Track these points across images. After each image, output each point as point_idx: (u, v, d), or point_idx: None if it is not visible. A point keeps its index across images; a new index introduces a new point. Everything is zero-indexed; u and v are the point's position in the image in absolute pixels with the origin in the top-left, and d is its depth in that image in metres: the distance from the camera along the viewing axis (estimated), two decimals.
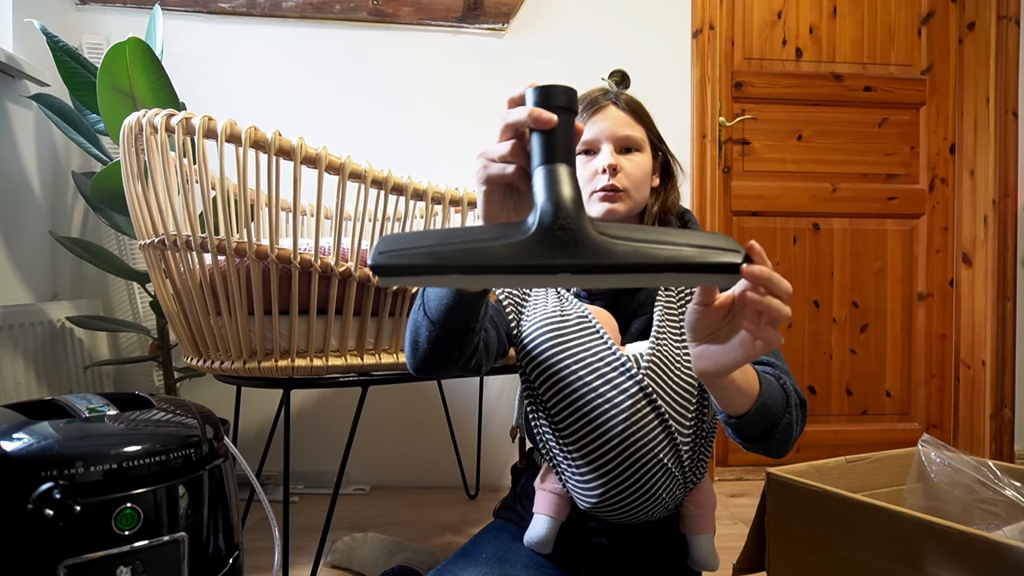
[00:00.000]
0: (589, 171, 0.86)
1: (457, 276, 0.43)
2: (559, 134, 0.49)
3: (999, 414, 2.04)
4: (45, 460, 0.65)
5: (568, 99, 0.50)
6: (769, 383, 0.71)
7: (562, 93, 0.50)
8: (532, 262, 0.43)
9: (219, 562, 0.79)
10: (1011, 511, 0.89)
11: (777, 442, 0.73)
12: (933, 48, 2.12)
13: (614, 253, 0.43)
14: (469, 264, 0.42)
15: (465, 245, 0.43)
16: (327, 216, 1.61)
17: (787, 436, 0.73)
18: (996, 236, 2.04)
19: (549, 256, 0.43)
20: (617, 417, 0.79)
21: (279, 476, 1.79)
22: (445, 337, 0.71)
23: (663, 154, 0.93)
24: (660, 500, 0.81)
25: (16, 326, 1.44)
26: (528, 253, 0.43)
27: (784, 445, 0.74)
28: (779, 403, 0.71)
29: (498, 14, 1.89)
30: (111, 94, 1.36)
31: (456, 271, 0.42)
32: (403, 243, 0.43)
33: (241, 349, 1.12)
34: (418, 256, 0.42)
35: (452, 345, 0.72)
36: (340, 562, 1.32)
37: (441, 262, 0.42)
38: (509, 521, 0.96)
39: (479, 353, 0.76)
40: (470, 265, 0.42)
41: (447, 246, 0.43)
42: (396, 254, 0.42)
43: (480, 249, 0.43)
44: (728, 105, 2.05)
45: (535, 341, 0.85)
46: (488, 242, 0.43)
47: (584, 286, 0.45)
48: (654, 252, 0.44)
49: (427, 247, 0.42)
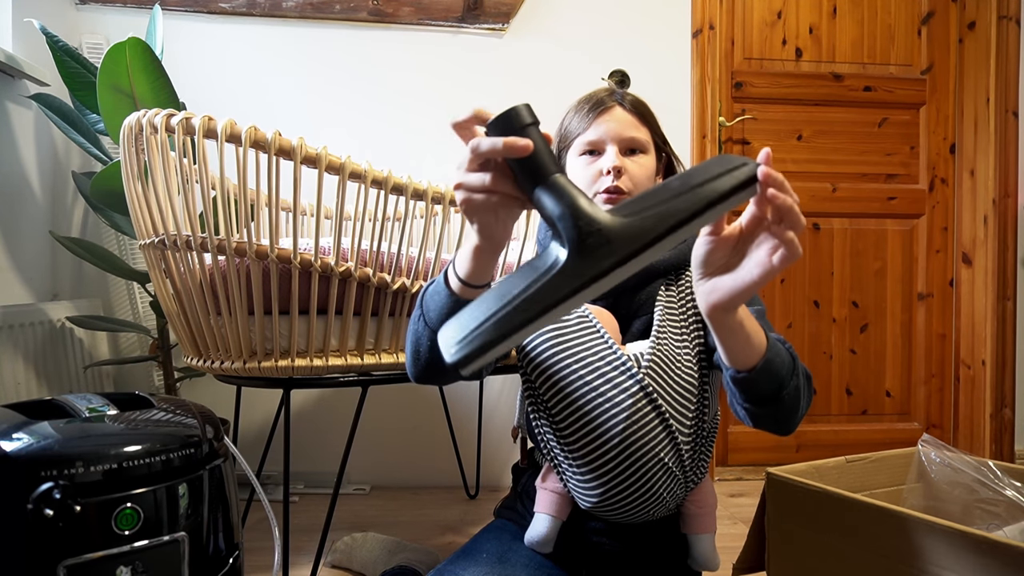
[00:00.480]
0: (593, 172, 0.86)
1: (526, 331, 0.44)
2: (540, 151, 0.49)
3: (999, 414, 2.04)
4: (45, 460, 0.65)
5: (530, 113, 0.51)
6: (775, 343, 0.69)
7: (523, 111, 0.51)
8: (585, 279, 0.44)
9: (219, 562, 0.79)
10: (1011, 511, 0.89)
11: (785, 408, 0.70)
12: (933, 48, 2.12)
13: (646, 228, 0.44)
14: (532, 316, 0.43)
15: (519, 301, 0.44)
16: (327, 216, 1.61)
17: (795, 402, 0.70)
18: (996, 236, 2.04)
19: (595, 266, 0.44)
20: (618, 416, 0.79)
21: (279, 476, 1.79)
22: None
23: (666, 155, 0.93)
24: (661, 499, 0.81)
25: (16, 326, 1.44)
26: (577, 274, 0.44)
27: (792, 414, 0.71)
28: (786, 364, 0.69)
29: (498, 14, 1.89)
30: (111, 94, 1.36)
31: (523, 327, 0.43)
32: (465, 328, 0.44)
33: (241, 349, 1.12)
34: (486, 334, 0.43)
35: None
36: (340, 562, 1.32)
37: (508, 328, 0.43)
38: (510, 520, 0.96)
39: None
40: (533, 316, 0.43)
41: (505, 310, 0.43)
42: (467, 342, 0.43)
43: (534, 296, 0.44)
44: (728, 105, 2.05)
45: (536, 341, 0.85)
46: (536, 286, 0.44)
47: (633, 271, 0.45)
48: (680, 206, 0.44)
49: (490, 321, 0.43)
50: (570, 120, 0.90)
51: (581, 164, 0.88)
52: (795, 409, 0.71)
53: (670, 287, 0.89)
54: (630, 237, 0.44)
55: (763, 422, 0.72)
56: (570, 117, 0.91)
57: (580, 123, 0.88)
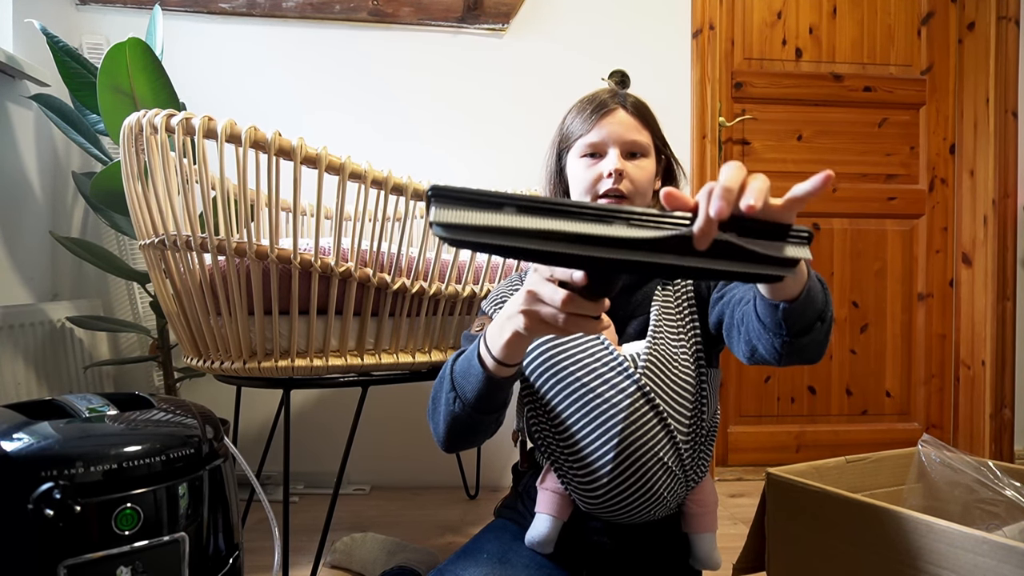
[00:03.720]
0: (594, 174, 0.86)
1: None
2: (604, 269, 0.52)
3: (999, 414, 2.04)
4: (45, 460, 0.65)
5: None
6: (807, 271, 0.65)
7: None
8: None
9: (219, 562, 0.79)
10: (1011, 511, 0.89)
11: (822, 333, 0.67)
12: (933, 48, 2.12)
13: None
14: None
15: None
16: (327, 216, 1.61)
17: (826, 334, 0.67)
18: (996, 236, 2.04)
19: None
20: (617, 417, 0.79)
21: (279, 476, 1.79)
22: (480, 420, 0.75)
23: (666, 158, 0.94)
24: (662, 499, 0.81)
25: (16, 326, 1.44)
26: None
27: (825, 341, 0.68)
28: (823, 293, 0.66)
29: (498, 14, 1.89)
30: (111, 94, 1.36)
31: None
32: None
33: (241, 349, 1.12)
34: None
35: (489, 423, 0.77)
36: (340, 562, 1.32)
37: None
38: (510, 520, 0.96)
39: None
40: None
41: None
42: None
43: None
44: (728, 105, 2.05)
45: (533, 345, 0.85)
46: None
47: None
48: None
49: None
50: (572, 120, 0.91)
51: (582, 166, 0.88)
52: (827, 336, 0.68)
53: (666, 287, 0.89)
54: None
55: (804, 353, 0.68)
56: (572, 117, 0.91)
57: (582, 125, 0.88)
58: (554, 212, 0.44)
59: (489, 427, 0.77)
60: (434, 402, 0.80)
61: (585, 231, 0.44)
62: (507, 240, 0.44)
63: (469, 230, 0.43)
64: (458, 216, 0.43)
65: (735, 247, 0.45)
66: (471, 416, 0.73)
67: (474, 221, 0.43)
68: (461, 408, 0.73)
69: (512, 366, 0.68)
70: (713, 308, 0.84)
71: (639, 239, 0.44)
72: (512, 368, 0.69)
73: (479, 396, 0.71)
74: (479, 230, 0.43)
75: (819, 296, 0.65)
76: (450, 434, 0.77)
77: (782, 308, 0.64)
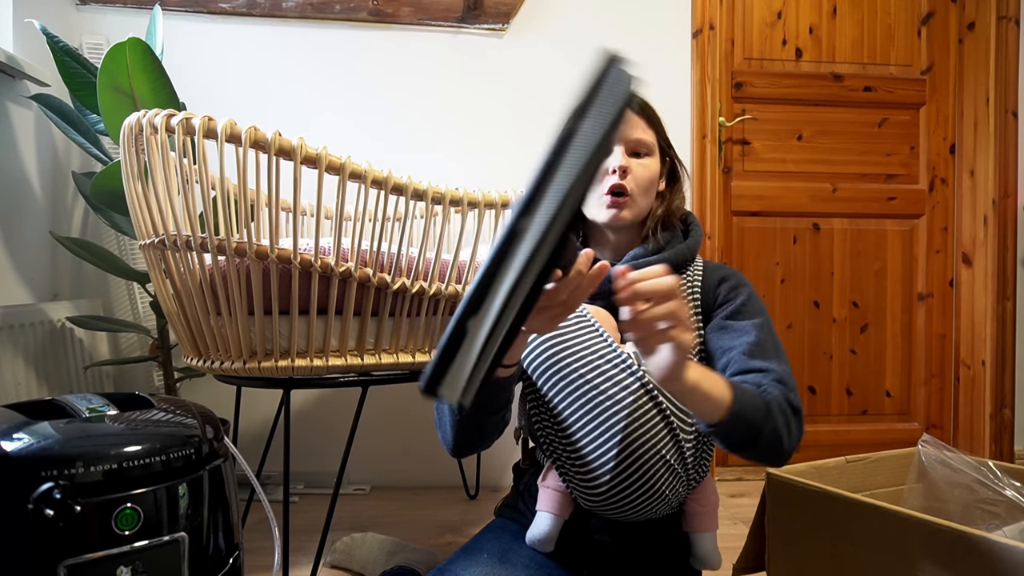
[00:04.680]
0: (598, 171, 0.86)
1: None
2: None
3: (999, 414, 2.04)
4: (45, 460, 0.65)
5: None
6: (744, 392, 0.72)
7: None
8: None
9: (219, 562, 0.79)
10: (1011, 511, 0.89)
11: (765, 451, 0.73)
12: (933, 48, 2.12)
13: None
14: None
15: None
16: (327, 216, 1.61)
17: (775, 445, 0.73)
18: (996, 236, 2.04)
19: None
20: (620, 413, 0.79)
21: (279, 476, 1.79)
22: (485, 421, 0.77)
23: (670, 159, 0.94)
24: (664, 497, 0.81)
25: (16, 326, 1.44)
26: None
27: (776, 454, 0.74)
28: (758, 411, 0.71)
29: (498, 14, 1.89)
30: (111, 94, 1.36)
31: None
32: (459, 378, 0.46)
33: (241, 349, 1.12)
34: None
35: (496, 423, 0.79)
36: (340, 562, 1.32)
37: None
38: (511, 519, 0.96)
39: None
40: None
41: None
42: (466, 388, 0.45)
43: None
44: (728, 105, 2.05)
45: (535, 342, 0.85)
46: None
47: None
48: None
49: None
50: None
51: None
52: (777, 450, 0.74)
53: None
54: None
55: (748, 459, 0.75)
56: None
57: None
58: (483, 292, 0.45)
59: (497, 426, 0.79)
60: (439, 412, 0.81)
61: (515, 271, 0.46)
62: (493, 346, 0.45)
63: (470, 384, 0.45)
64: (453, 386, 0.45)
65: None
66: (476, 418, 0.75)
67: (463, 374, 0.45)
68: (465, 412, 0.74)
69: (511, 366, 0.70)
70: (710, 333, 0.87)
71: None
72: (511, 368, 0.70)
73: (490, 399, 0.72)
74: (472, 375, 0.45)
75: (752, 419, 0.70)
76: (459, 440, 0.79)
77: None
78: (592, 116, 0.47)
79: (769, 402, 0.73)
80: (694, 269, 0.91)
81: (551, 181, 0.46)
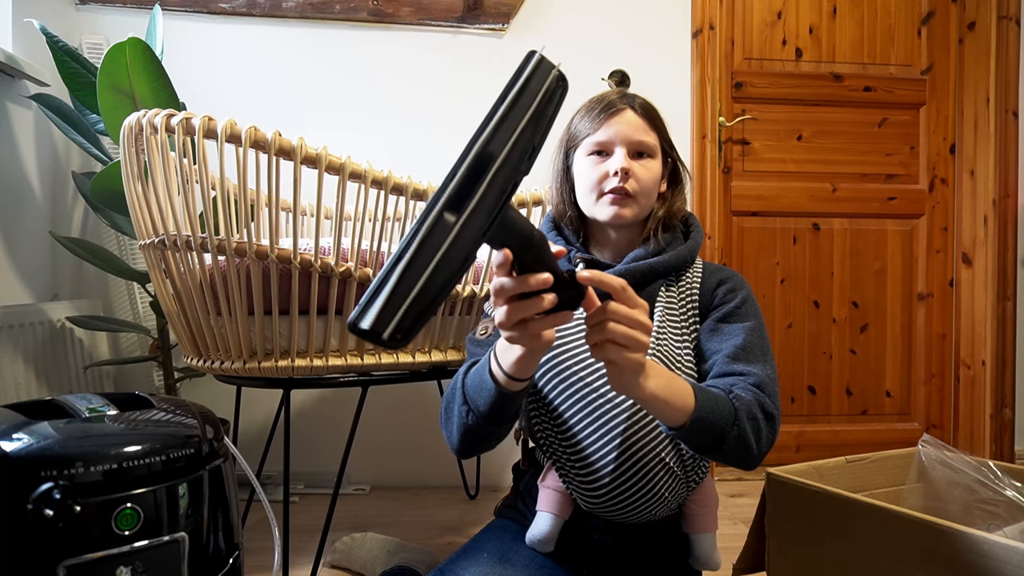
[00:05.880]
0: (600, 172, 0.87)
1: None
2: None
3: (999, 414, 2.04)
4: (45, 460, 0.65)
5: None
6: (710, 396, 0.71)
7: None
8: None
9: (219, 562, 0.79)
10: (1011, 511, 0.89)
11: (731, 455, 0.73)
12: (933, 48, 2.12)
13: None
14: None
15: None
16: (327, 216, 1.61)
17: (742, 450, 0.73)
18: (996, 236, 2.04)
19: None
20: (620, 416, 0.79)
21: (279, 476, 1.79)
22: (492, 431, 0.77)
23: (672, 160, 0.94)
24: (663, 498, 0.81)
25: (16, 326, 1.44)
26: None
27: (744, 458, 0.74)
28: (724, 416, 0.71)
29: (498, 14, 1.89)
30: (111, 94, 1.36)
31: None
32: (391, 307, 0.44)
33: (241, 349, 1.12)
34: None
35: (504, 432, 0.78)
36: (340, 562, 1.32)
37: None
38: (511, 520, 0.96)
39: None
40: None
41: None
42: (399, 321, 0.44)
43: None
44: (728, 105, 2.05)
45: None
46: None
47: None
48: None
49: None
50: (580, 120, 0.91)
51: (589, 164, 0.88)
52: (744, 453, 0.74)
53: (670, 287, 0.89)
54: None
55: (716, 461, 0.76)
56: (580, 117, 0.91)
57: (590, 124, 0.89)
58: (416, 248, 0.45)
59: (503, 434, 0.79)
60: (447, 412, 0.81)
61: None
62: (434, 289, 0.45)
63: (385, 310, 0.43)
64: (367, 316, 0.43)
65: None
66: (485, 428, 0.75)
67: (379, 302, 0.43)
68: (475, 420, 0.74)
69: (524, 380, 0.68)
70: (702, 334, 0.88)
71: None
72: (524, 382, 0.69)
73: (492, 409, 0.71)
74: (388, 302, 0.43)
75: (716, 423, 0.70)
76: (464, 444, 0.79)
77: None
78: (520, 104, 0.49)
79: (737, 408, 0.73)
80: (694, 270, 0.91)
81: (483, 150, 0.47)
